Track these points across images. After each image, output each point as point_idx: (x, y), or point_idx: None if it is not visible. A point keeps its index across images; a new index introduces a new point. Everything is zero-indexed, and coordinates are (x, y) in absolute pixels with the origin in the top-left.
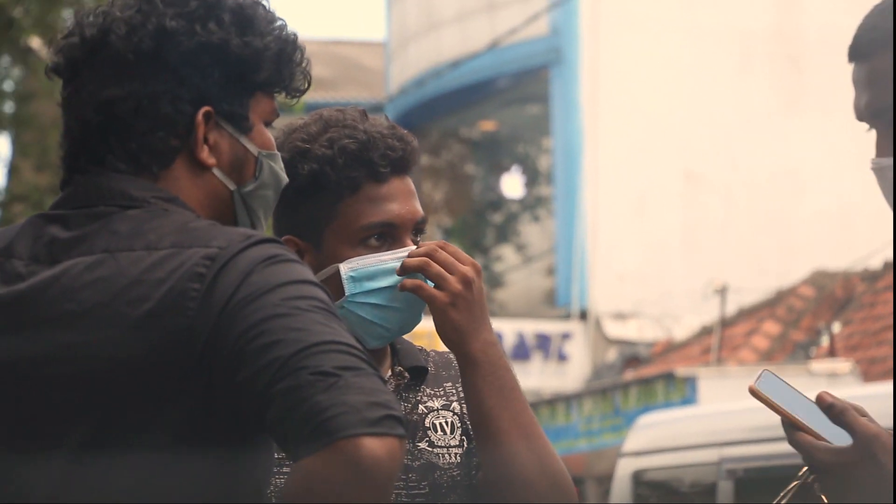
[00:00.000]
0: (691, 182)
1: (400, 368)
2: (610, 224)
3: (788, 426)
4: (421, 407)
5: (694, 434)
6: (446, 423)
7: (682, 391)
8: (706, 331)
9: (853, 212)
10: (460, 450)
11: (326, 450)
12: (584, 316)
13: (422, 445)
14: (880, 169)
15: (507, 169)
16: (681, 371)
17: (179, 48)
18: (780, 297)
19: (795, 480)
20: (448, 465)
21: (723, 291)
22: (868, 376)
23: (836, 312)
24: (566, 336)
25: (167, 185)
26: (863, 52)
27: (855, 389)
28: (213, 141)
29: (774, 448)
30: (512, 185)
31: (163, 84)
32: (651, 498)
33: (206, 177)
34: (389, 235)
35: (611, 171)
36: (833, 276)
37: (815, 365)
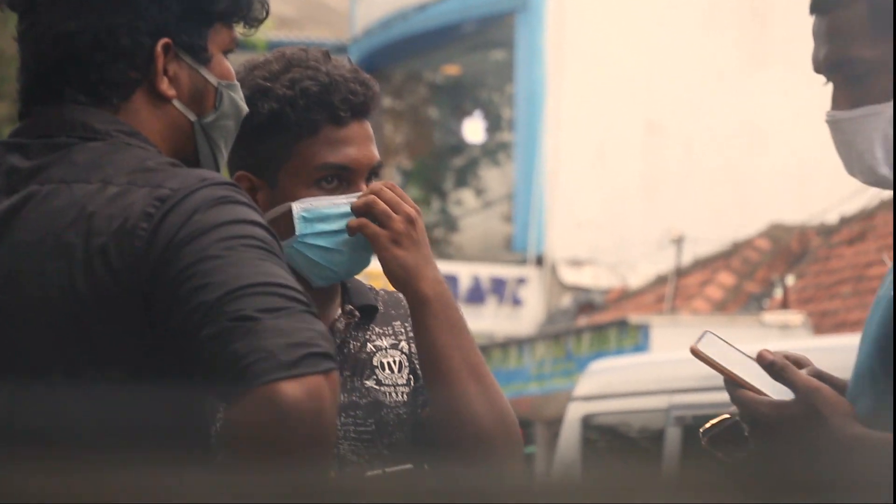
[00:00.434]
0: (652, 132)
1: (350, 307)
2: (569, 171)
3: (731, 384)
4: (369, 345)
5: (644, 381)
6: (394, 361)
7: (635, 338)
8: (661, 280)
9: (812, 167)
10: (407, 388)
11: (244, 398)
12: (540, 261)
13: (369, 383)
14: (834, 122)
15: (470, 114)
16: (634, 318)
17: None
18: (736, 248)
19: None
20: (395, 404)
21: (679, 241)
22: (819, 329)
23: (790, 265)
24: (521, 281)
25: (127, 117)
26: (823, 5)
27: (806, 341)
28: (172, 72)
29: (723, 396)
30: (473, 129)
31: (121, 16)
32: (599, 442)
33: (166, 108)
34: (345, 179)
35: (572, 119)
36: (789, 229)
37: (768, 316)
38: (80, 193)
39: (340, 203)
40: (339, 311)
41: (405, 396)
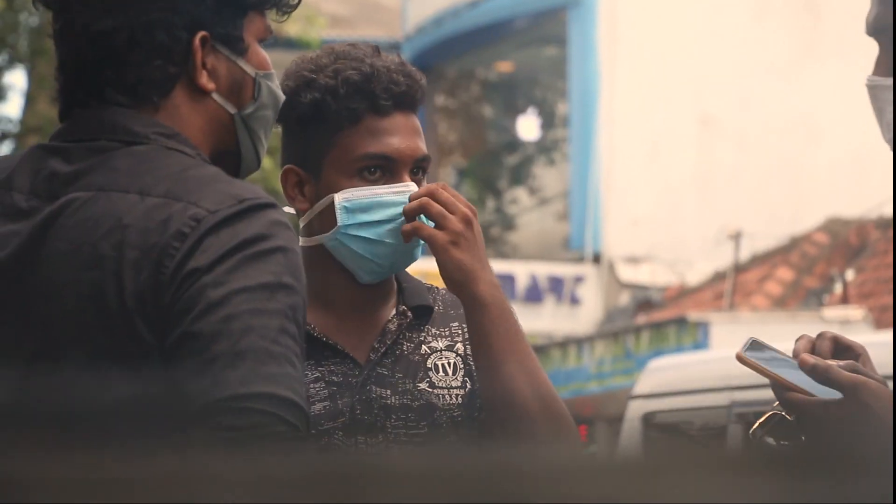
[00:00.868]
0: (706, 127)
1: (404, 308)
2: (624, 168)
3: (778, 388)
4: (424, 347)
5: (705, 378)
6: (449, 363)
7: (694, 336)
8: (719, 276)
9: (868, 159)
10: (462, 391)
11: None
12: (597, 259)
13: (422, 386)
14: (872, 87)
15: (523, 111)
16: (693, 316)
17: None
18: (794, 243)
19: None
20: (448, 406)
21: (736, 237)
22: (880, 324)
23: (849, 259)
24: (579, 279)
25: (168, 114)
26: None
27: (867, 336)
28: (210, 65)
29: None
30: (527, 127)
31: (156, 12)
32: (660, 440)
33: (206, 102)
34: (388, 169)
35: (626, 115)
36: (847, 223)
37: (828, 312)
38: (118, 203)
39: (382, 193)
40: (393, 312)
41: (460, 399)
